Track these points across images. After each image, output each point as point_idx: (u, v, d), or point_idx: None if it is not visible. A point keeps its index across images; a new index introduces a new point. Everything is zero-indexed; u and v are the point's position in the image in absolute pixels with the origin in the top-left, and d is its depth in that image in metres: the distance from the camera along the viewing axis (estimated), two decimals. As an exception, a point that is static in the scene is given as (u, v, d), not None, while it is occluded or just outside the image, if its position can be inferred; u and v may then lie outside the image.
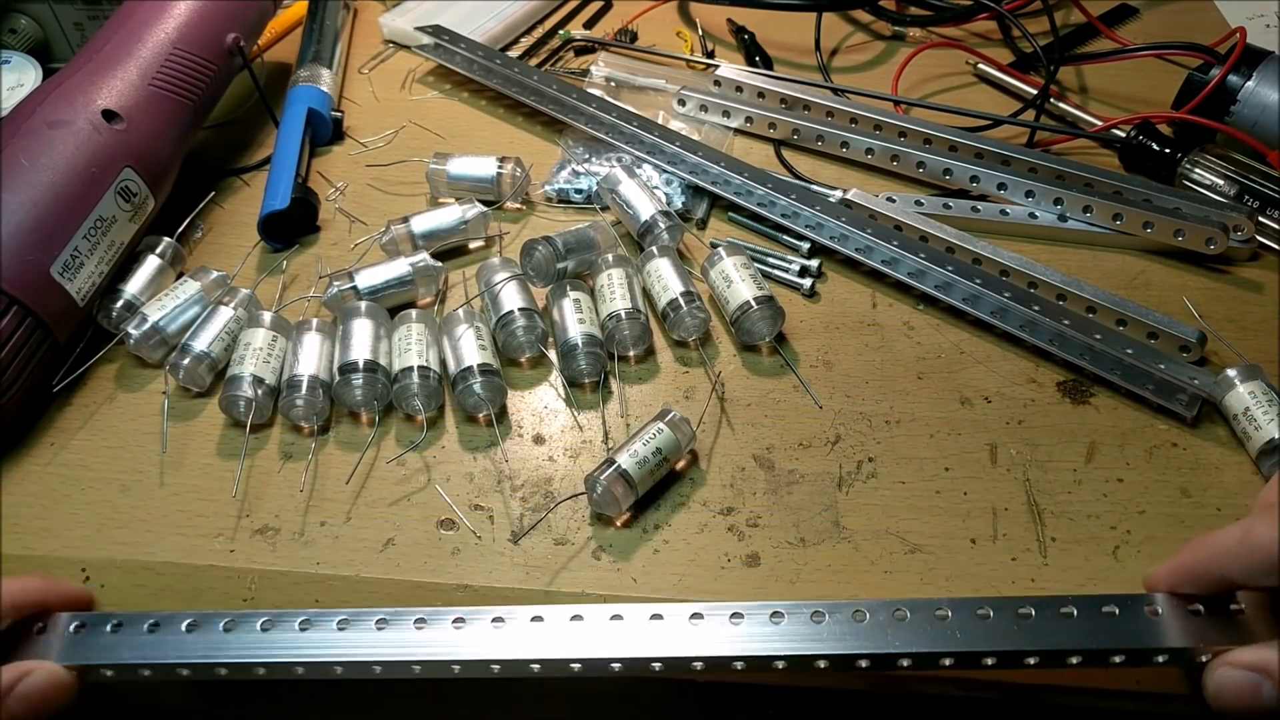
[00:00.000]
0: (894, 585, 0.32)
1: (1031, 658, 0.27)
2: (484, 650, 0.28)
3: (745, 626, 0.28)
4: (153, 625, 0.29)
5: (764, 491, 0.35)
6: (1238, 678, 0.26)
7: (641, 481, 0.33)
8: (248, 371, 0.37)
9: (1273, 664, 0.25)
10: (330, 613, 0.29)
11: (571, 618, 0.29)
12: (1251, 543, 0.26)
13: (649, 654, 0.28)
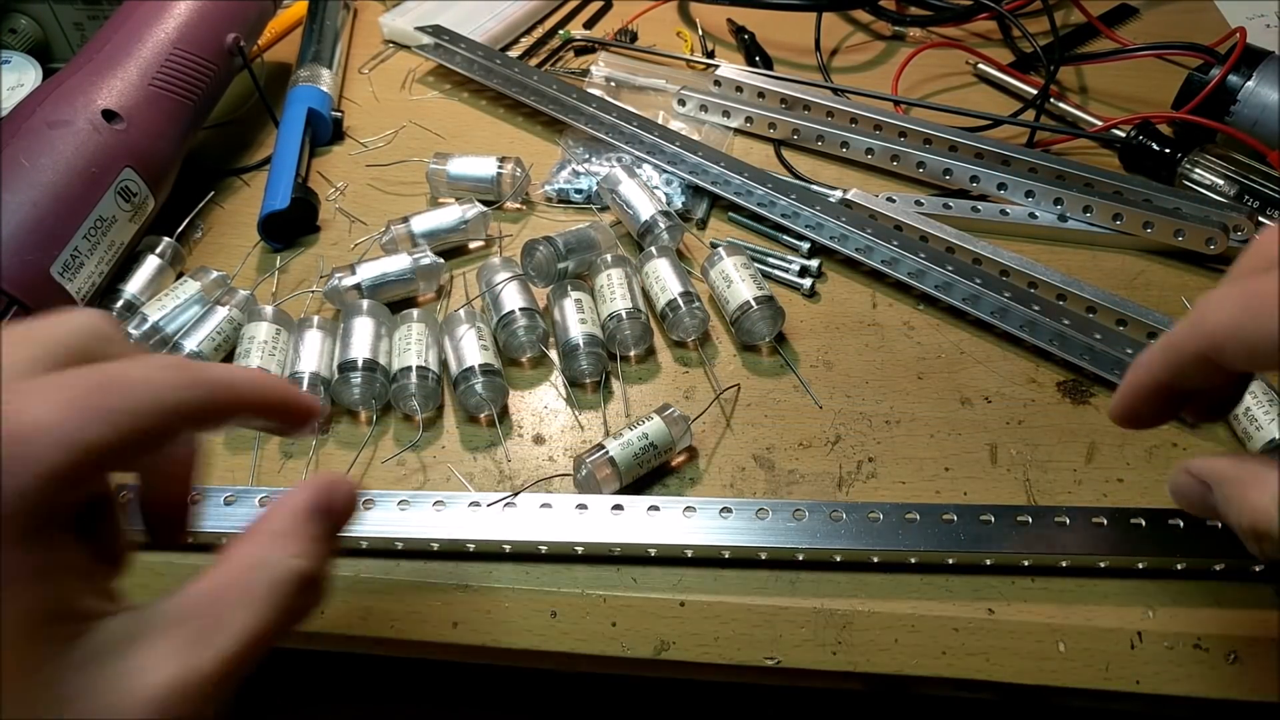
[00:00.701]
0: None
1: (1026, 559, 0.31)
2: (460, 532, 0.32)
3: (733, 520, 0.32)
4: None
5: (764, 491, 0.35)
6: (1187, 483, 0.26)
7: (628, 469, 0.34)
8: (254, 365, 0.37)
9: (1219, 471, 0.25)
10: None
11: (541, 505, 0.33)
12: (1258, 306, 0.22)
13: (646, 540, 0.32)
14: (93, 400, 0.18)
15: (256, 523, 0.21)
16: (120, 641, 0.18)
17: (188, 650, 0.18)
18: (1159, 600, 0.31)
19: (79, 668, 0.17)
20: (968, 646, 0.31)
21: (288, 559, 0.21)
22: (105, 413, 0.18)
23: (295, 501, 0.22)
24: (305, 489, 0.22)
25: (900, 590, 0.32)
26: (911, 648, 0.31)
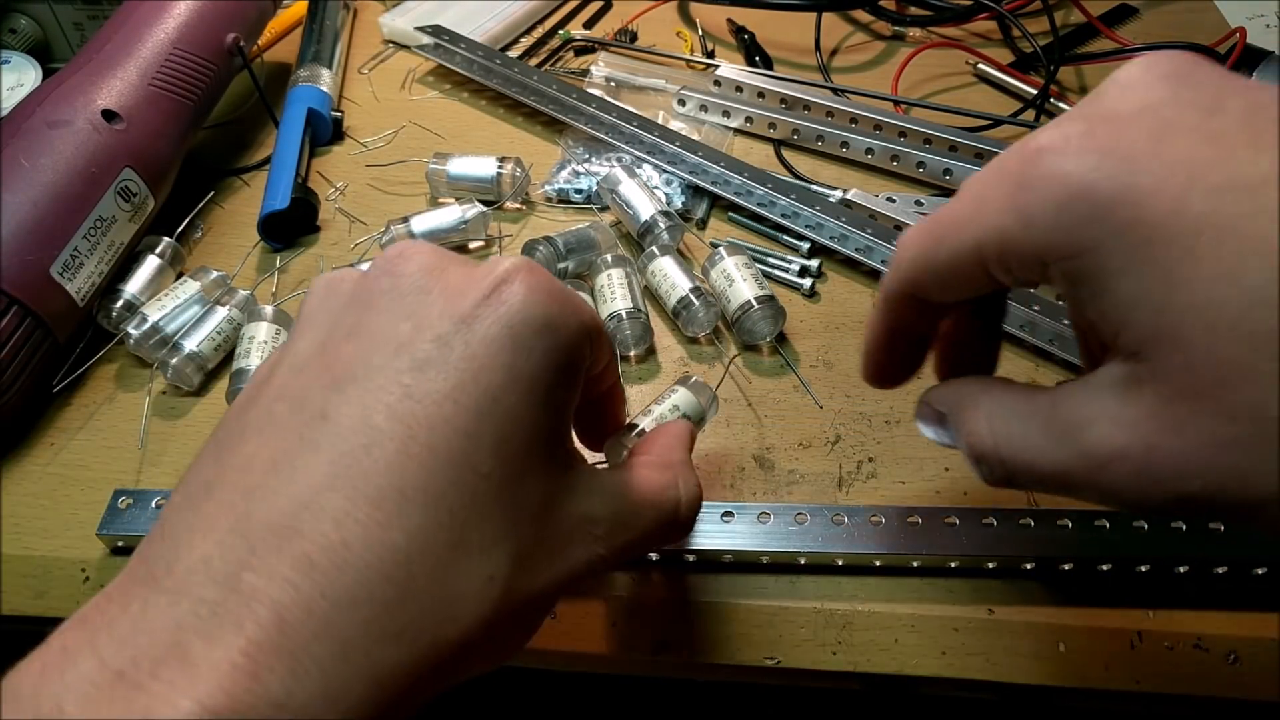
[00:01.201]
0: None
1: (1029, 562, 0.31)
2: None
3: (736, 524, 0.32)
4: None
5: (764, 492, 0.35)
6: (927, 414, 0.25)
7: None
8: (254, 364, 0.37)
9: (946, 397, 0.24)
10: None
11: None
12: (940, 231, 0.21)
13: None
14: (575, 295, 0.23)
15: (656, 445, 0.27)
16: (585, 490, 0.22)
17: (614, 523, 0.22)
18: (1159, 601, 0.31)
19: (564, 491, 0.22)
20: (968, 646, 0.31)
21: (694, 485, 0.25)
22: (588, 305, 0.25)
23: (681, 435, 0.28)
24: (684, 427, 0.28)
25: (900, 590, 0.32)
26: (912, 648, 0.31)
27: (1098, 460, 0.19)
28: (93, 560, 0.33)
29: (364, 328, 0.21)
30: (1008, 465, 0.21)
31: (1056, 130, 0.19)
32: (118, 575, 0.19)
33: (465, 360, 0.20)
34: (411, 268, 0.21)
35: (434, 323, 0.20)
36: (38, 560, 0.33)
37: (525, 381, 0.20)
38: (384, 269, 0.22)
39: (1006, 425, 0.21)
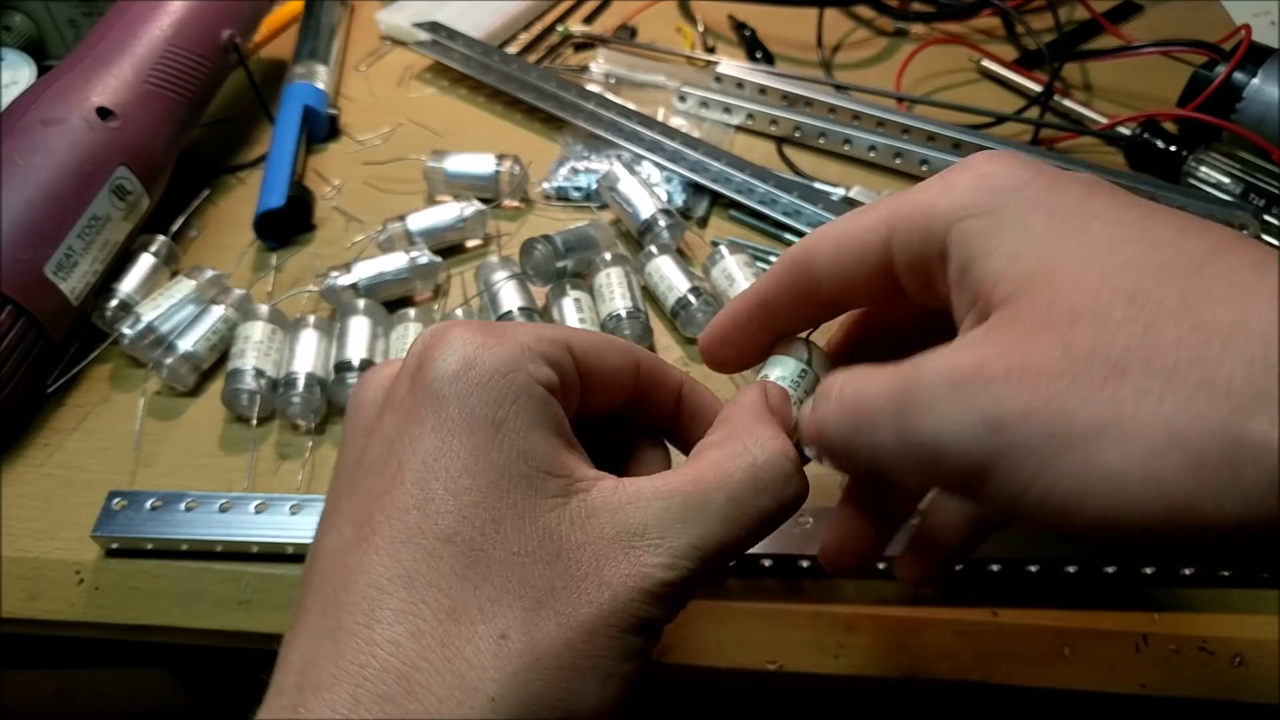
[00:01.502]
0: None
1: (1034, 564, 0.31)
2: None
3: None
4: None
5: (765, 493, 0.35)
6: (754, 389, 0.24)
7: None
8: (249, 364, 0.37)
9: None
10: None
11: None
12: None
13: None
14: (556, 330, 0.22)
15: (720, 426, 0.22)
16: (608, 507, 0.20)
17: (673, 525, 0.20)
18: (1164, 604, 0.31)
19: (573, 522, 0.19)
20: (971, 650, 0.30)
21: (765, 441, 0.21)
22: (567, 329, 0.22)
23: (750, 401, 0.23)
24: (752, 393, 0.23)
25: (902, 593, 0.31)
26: (914, 651, 0.30)
27: (924, 376, 0.19)
28: (87, 562, 0.33)
29: (338, 460, 0.22)
30: (843, 392, 0.21)
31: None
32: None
33: (398, 441, 0.20)
34: (363, 388, 0.23)
35: (375, 423, 0.21)
36: (32, 562, 0.33)
37: (460, 433, 0.19)
38: (351, 399, 0.23)
39: (859, 370, 0.21)
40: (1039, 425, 0.17)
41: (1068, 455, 0.16)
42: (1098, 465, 0.16)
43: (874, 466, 0.20)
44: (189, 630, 0.32)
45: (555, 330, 0.22)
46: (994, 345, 0.18)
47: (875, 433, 0.20)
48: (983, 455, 0.17)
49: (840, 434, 0.21)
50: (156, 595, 0.32)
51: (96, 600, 0.32)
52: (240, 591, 0.32)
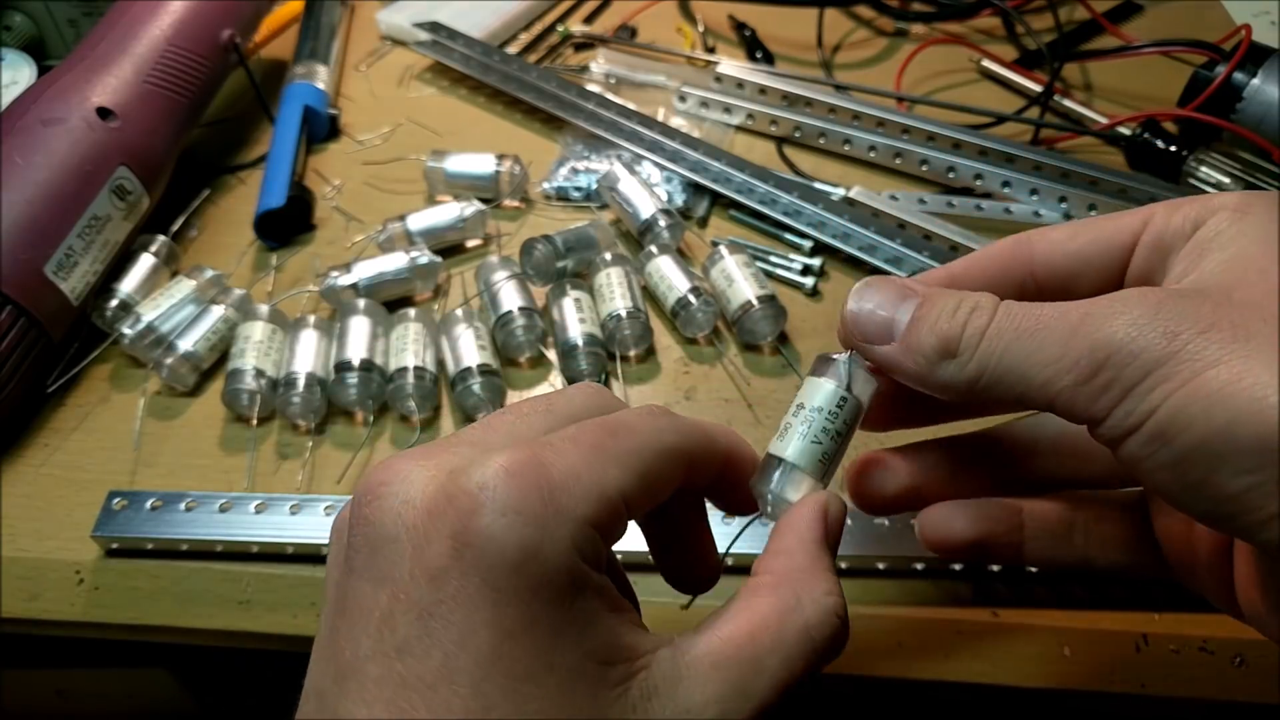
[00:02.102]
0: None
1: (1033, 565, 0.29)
2: None
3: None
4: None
5: (765, 493, 0.35)
6: (889, 285, 0.24)
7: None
8: (249, 364, 0.37)
9: (930, 289, 0.23)
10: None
11: None
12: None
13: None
14: (606, 445, 0.20)
15: (773, 558, 0.22)
16: (668, 682, 0.19)
17: (729, 698, 0.19)
18: (1164, 604, 0.31)
19: (635, 707, 0.18)
20: (972, 650, 0.30)
21: (820, 597, 0.21)
22: (620, 455, 0.20)
23: (806, 533, 0.22)
24: (810, 515, 0.22)
25: (903, 593, 0.31)
26: (915, 651, 0.30)
27: (1101, 301, 0.20)
28: (87, 562, 0.33)
29: (349, 599, 0.19)
30: (1011, 306, 0.21)
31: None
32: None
33: (445, 631, 0.17)
34: (380, 514, 0.19)
35: (407, 587, 0.18)
36: (32, 562, 0.33)
37: (520, 635, 0.18)
38: (356, 516, 0.19)
39: (1012, 305, 0.21)
40: (1218, 338, 0.18)
41: (1234, 362, 0.17)
42: (1261, 376, 0.17)
43: (1014, 379, 0.21)
44: (189, 630, 0.32)
45: (613, 478, 0.19)
46: (1194, 286, 0.20)
47: (1045, 347, 0.20)
48: (1156, 353, 0.18)
49: (996, 343, 0.21)
50: (156, 595, 0.32)
51: (96, 600, 0.32)
52: (240, 591, 0.32)
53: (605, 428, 0.20)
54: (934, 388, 0.23)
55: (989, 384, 0.21)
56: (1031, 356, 0.20)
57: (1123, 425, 0.19)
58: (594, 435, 0.20)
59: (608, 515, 0.19)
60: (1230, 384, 0.17)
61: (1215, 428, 0.17)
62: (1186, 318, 0.18)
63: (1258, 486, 0.17)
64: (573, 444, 0.20)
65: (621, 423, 0.21)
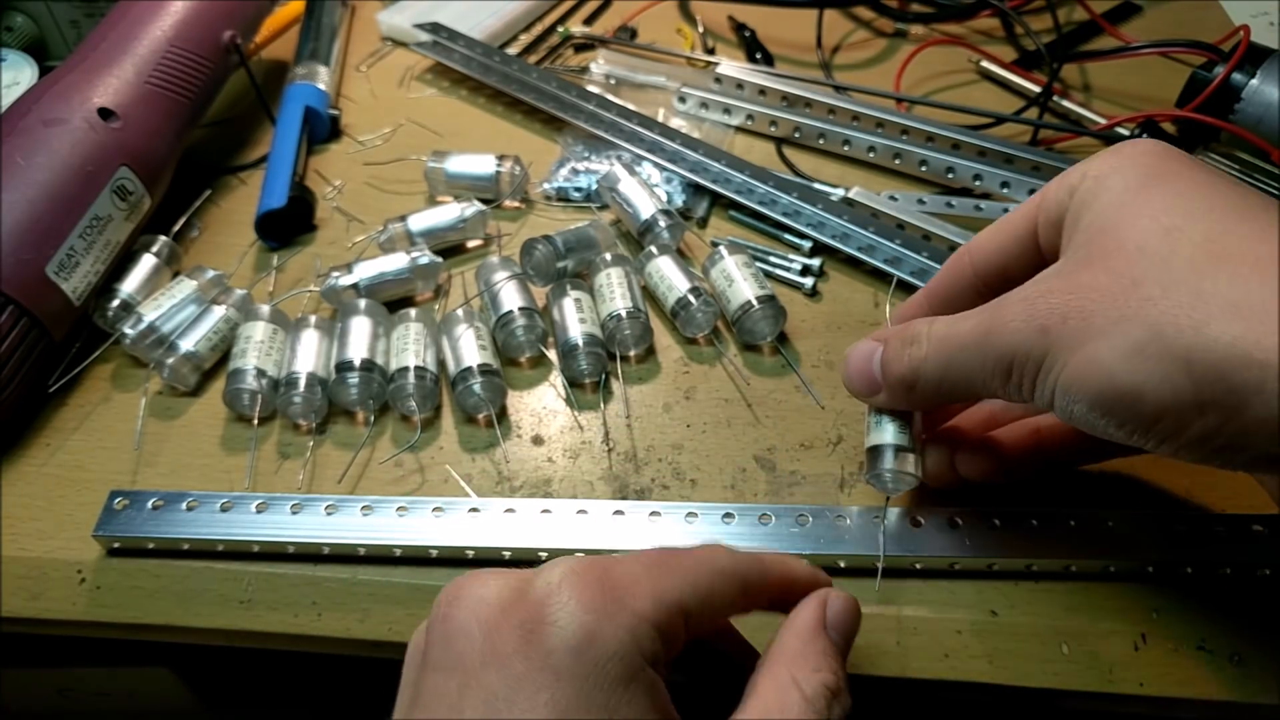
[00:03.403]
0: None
1: (1034, 563, 0.31)
2: (459, 538, 0.32)
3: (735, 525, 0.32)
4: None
5: (765, 493, 0.35)
6: (862, 345, 0.30)
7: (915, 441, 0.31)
8: (250, 364, 0.37)
9: (889, 332, 0.29)
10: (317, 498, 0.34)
11: (542, 510, 0.32)
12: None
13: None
14: (668, 561, 0.23)
15: (775, 651, 0.24)
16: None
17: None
18: (1163, 602, 0.31)
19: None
20: (971, 649, 0.30)
21: (810, 674, 0.23)
22: (679, 570, 0.22)
23: (800, 624, 0.25)
24: (806, 609, 0.25)
25: (903, 593, 0.32)
26: (914, 650, 0.31)
27: (1005, 305, 0.25)
28: (89, 562, 0.33)
29: (423, 691, 0.21)
30: (935, 333, 0.26)
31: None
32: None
33: (510, 708, 0.19)
34: (458, 611, 0.21)
35: (477, 673, 0.20)
36: (33, 561, 0.33)
37: (575, 707, 0.19)
38: (435, 616, 0.22)
39: (945, 318, 0.27)
40: (1073, 326, 0.22)
41: (1087, 346, 0.22)
42: (1104, 353, 0.22)
43: (962, 387, 0.26)
44: (190, 629, 0.32)
45: (672, 586, 0.22)
46: (1060, 274, 0.24)
47: (964, 364, 0.26)
48: (1039, 351, 0.23)
49: (935, 368, 0.27)
50: (158, 594, 0.32)
51: (98, 599, 0.32)
52: (241, 591, 0.32)
53: (665, 550, 0.23)
54: (918, 408, 0.30)
55: (949, 394, 0.28)
56: (964, 372, 0.26)
57: (1042, 403, 0.24)
58: (655, 554, 0.23)
59: (665, 617, 0.21)
60: (1087, 364, 0.22)
61: (1090, 398, 0.22)
62: (1054, 313, 0.23)
63: (1124, 425, 0.23)
64: (634, 559, 0.23)
65: (680, 548, 0.24)
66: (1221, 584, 0.31)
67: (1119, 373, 0.21)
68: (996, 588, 0.32)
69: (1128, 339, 0.21)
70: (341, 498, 0.33)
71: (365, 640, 0.32)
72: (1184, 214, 0.22)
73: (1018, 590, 0.32)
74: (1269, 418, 0.20)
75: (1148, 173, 0.24)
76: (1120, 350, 0.22)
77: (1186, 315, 0.21)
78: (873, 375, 0.29)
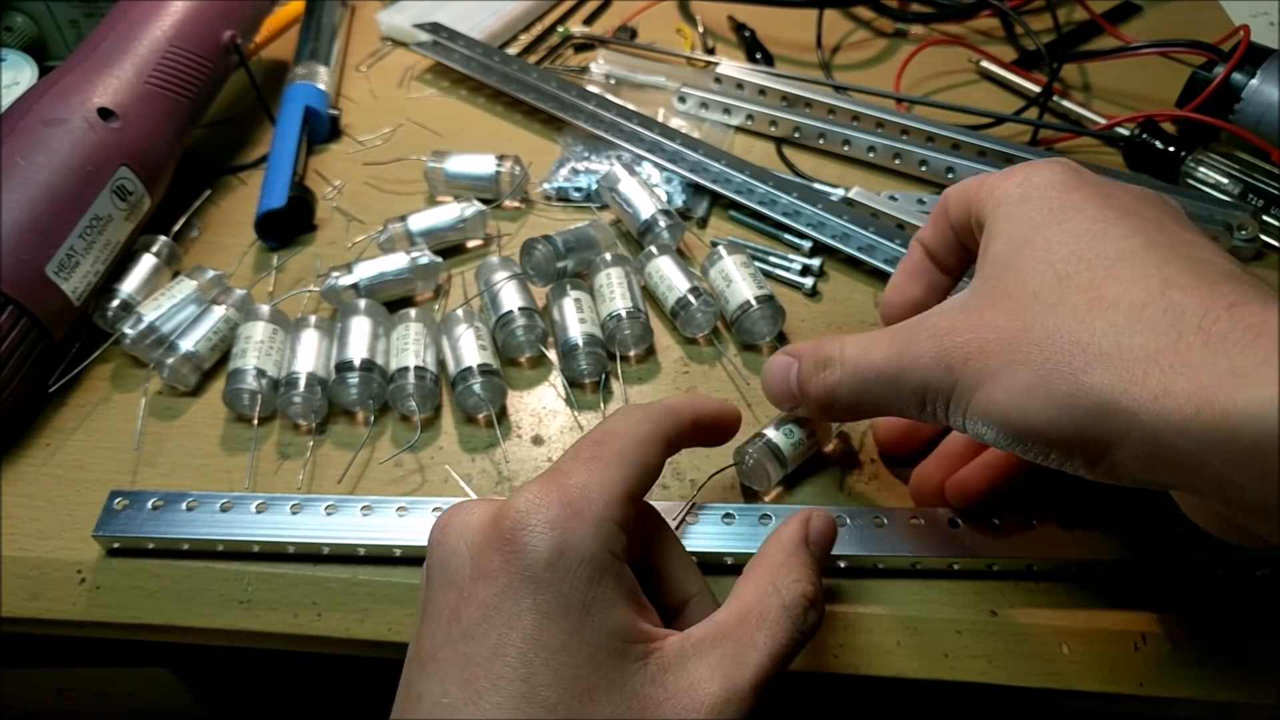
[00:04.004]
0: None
1: (1034, 563, 0.31)
2: None
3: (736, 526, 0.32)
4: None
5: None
6: (778, 360, 0.31)
7: (791, 457, 0.34)
8: (251, 364, 0.37)
9: (803, 349, 0.30)
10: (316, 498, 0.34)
11: None
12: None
13: None
14: (600, 454, 0.25)
15: (758, 560, 0.27)
16: (678, 660, 0.23)
17: (729, 667, 0.23)
18: (1163, 603, 0.31)
19: (653, 680, 0.23)
20: (970, 649, 0.30)
21: (791, 583, 0.25)
22: (615, 459, 0.25)
23: (785, 537, 0.27)
24: (790, 525, 0.28)
25: (902, 593, 0.32)
26: (914, 650, 0.31)
27: (915, 338, 0.26)
28: (89, 562, 0.33)
29: (427, 607, 0.24)
30: (847, 359, 0.28)
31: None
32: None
33: (497, 616, 0.22)
34: (449, 539, 0.24)
35: (469, 588, 0.23)
36: (33, 562, 0.33)
37: (556, 616, 0.22)
38: (431, 545, 0.25)
39: (859, 338, 0.28)
40: (973, 367, 0.25)
41: (985, 386, 0.24)
42: (999, 393, 0.24)
43: (879, 410, 0.28)
44: (190, 629, 0.32)
45: (615, 479, 0.25)
46: (965, 310, 0.26)
47: (878, 391, 0.27)
48: (947, 387, 0.25)
49: (849, 393, 0.28)
50: (158, 594, 0.32)
51: (98, 599, 0.32)
52: (241, 591, 0.32)
53: (594, 440, 0.26)
54: (839, 421, 0.34)
55: (867, 415, 0.31)
56: (879, 399, 0.28)
57: (955, 428, 0.26)
58: (588, 449, 0.25)
59: (618, 510, 0.24)
60: (987, 403, 0.24)
61: (995, 430, 0.24)
62: (957, 352, 0.25)
63: (1027, 452, 0.24)
64: (574, 462, 0.25)
65: (605, 431, 0.26)
66: (1221, 584, 0.31)
67: (1011, 412, 0.24)
68: (996, 588, 0.32)
69: (1017, 381, 0.23)
70: (341, 498, 0.33)
71: (365, 640, 0.32)
72: (1076, 259, 0.24)
73: (1018, 590, 0.32)
74: (1137, 457, 0.22)
75: (1051, 209, 0.26)
76: (1012, 392, 0.24)
77: (1067, 362, 0.23)
78: (791, 390, 0.31)
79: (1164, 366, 0.21)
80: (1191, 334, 0.21)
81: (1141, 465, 0.22)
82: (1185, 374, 0.20)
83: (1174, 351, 0.21)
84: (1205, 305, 0.21)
